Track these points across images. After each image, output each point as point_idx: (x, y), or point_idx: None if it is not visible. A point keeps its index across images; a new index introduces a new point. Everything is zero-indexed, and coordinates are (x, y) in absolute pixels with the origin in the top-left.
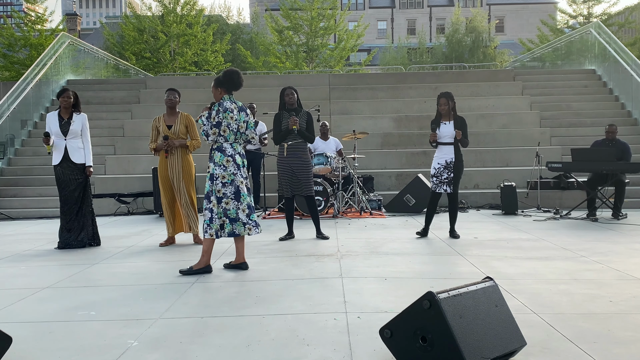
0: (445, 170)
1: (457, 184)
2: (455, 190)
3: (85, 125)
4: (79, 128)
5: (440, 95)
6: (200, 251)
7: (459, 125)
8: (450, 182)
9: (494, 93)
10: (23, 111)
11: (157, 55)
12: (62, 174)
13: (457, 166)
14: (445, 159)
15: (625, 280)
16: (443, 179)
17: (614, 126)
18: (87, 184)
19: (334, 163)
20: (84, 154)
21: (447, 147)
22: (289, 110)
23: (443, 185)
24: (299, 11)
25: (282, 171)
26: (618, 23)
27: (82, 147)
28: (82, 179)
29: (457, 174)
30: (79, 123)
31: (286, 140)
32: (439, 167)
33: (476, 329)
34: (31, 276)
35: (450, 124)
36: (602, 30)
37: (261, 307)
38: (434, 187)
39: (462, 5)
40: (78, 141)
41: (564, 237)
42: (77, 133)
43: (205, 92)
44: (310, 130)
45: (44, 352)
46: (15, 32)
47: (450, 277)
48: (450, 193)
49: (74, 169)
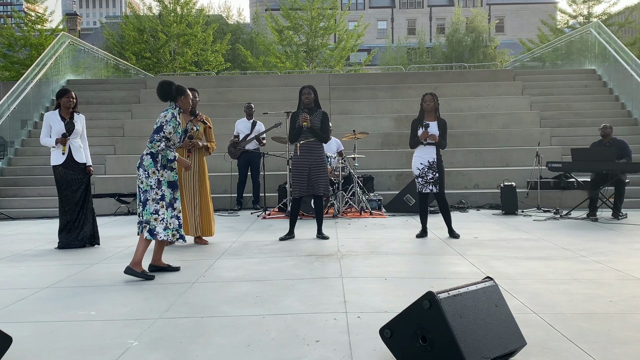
0: (430, 171)
1: (442, 184)
2: (442, 190)
3: (84, 125)
4: (81, 128)
5: (425, 94)
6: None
7: (441, 126)
8: (436, 182)
9: (494, 93)
10: (23, 111)
11: (157, 55)
12: (65, 174)
13: (440, 166)
14: (428, 159)
15: (625, 280)
16: (429, 179)
17: (607, 126)
18: (87, 183)
19: (334, 163)
20: (85, 154)
21: (430, 148)
22: (305, 109)
23: (429, 185)
24: (299, 11)
25: (295, 171)
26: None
27: (82, 146)
28: (85, 178)
29: (442, 174)
30: (80, 123)
31: (298, 140)
32: (423, 167)
33: (476, 329)
34: (31, 276)
35: (434, 124)
36: (602, 30)
37: (261, 307)
38: (420, 187)
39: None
40: (78, 141)
41: (564, 237)
42: (80, 133)
43: (205, 92)
44: (324, 130)
45: (44, 352)
46: (15, 32)
47: (450, 277)
48: (438, 193)
49: (77, 168)
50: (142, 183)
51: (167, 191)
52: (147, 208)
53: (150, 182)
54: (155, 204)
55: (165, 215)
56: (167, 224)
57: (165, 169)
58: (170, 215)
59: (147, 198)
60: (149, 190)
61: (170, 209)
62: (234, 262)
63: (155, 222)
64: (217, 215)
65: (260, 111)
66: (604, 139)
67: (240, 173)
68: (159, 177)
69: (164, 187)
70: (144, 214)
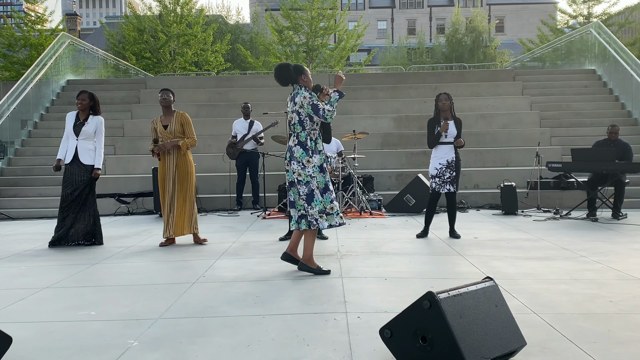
0: (448, 170)
1: (457, 183)
2: (456, 189)
3: (100, 128)
4: (91, 130)
5: (439, 94)
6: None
7: (458, 125)
8: (452, 181)
9: (494, 93)
10: (23, 111)
11: (157, 55)
12: (70, 172)
13: (457, 165)
14: (447, 158)
15: (625, 280)
16: (446, 179)
17: (616, 127)
18: (90, 184)
19: (334, 163)
20: (94, 156)
21: (448, 147)
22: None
23: (446, 185)
24: (299, 11)
25: None
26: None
27: (92, 149)
28: (88, 179)
29: (458, 173)
30: (92, 125)
31: None
32: (441, 167)
33: (476, 329)
34: (31, 276)
35: (451, 124)
36: (602, 30)
37: (261, 307)
38: (436, 187)
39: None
40: (89, 143)
41: (564, 237)
42: (89, 135)
43: (205, 92)
44: (325, 130)
45: (44, 352)
46: (15, 32)
47: (450, 277)
48: (451, 193)
49: (81, 169)
50: (300, 175)
51: (320, 176)
52: (316, 199)
53: (309, 171)
54: (322, 192)
55: (323, 201)
56: (325, 210)
57: (314, 154)
58: (328, 200)
59: (312, 188)
60: (311, 181)
61: (328, 192)
62: (234, 262)
63: (312, 210)
64: (217, 215)
65: (260, 111)
66: (610, 139)
67: (239, 173)
68: (315, 163)
69: (316, 173)
70: (313, 206)
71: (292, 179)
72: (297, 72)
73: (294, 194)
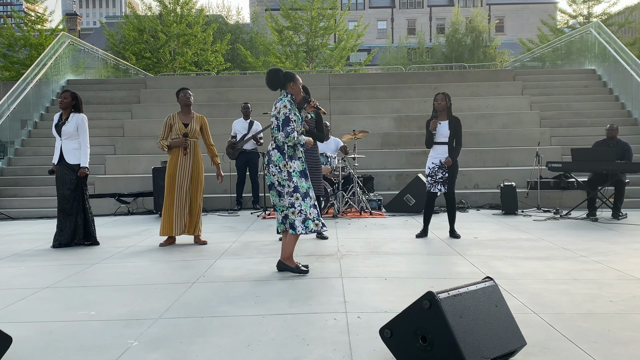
0: (440, 170)
1: (452, 184)
2: (452, 190)
3: (82, 126)
4: (72, 129)
5: (437, 93)
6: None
7: (453, 125)
8: (444, 181)
9: (494, 93)
10: (23, 111)
11: (157, 55)
12: (61, 173)
13: (451, 166)
14: (440, 158)
15: (625, 280)
16: (437, 179)
17: (614, 126)
18: (80, 184)
19: (334, 163)
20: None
21: (442, 147)
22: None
23: (437, 184)
24: (299, 11)
25: None
26: (618, 23)
27: (77, 147)
28: (76, 179)
29: (452, 174)
30: (73, 123)
31: None
32: (434, 166)
33: (476, 328)
34: (31, 276)
35: (445, 124)
36: (602, 30)
37: (261, 307)
38: (428, 186)
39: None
40: (74, 142)
41: (564, 237)
42: (71, 134)
43: (205, 92)
44: (319, 129)
45: (44, 352)
46: (15, 32)
47: (450, 277)
48: (447, 193)
49: (68, 169)
50: (278, 178)
51: (300, 181)
52: (296, 204)
53: (284, 175)
54: (290, 197)
55: (303, 206)
56: (306, 215)
57: (293, 159)
58: (308, 205)
59: (291, 192)
60: (289, 184)
61: (308, 198)
62: (234, 262)
63: (293, 215)
64: (217, 215)
65: (260, 111)
66: (608, 139)
67: (239, 173)
68: (289, 169)
69: (296, 179)
70: (293, 211)
71: (269, 182)
72: (287, 79)
73: (273, 196)
